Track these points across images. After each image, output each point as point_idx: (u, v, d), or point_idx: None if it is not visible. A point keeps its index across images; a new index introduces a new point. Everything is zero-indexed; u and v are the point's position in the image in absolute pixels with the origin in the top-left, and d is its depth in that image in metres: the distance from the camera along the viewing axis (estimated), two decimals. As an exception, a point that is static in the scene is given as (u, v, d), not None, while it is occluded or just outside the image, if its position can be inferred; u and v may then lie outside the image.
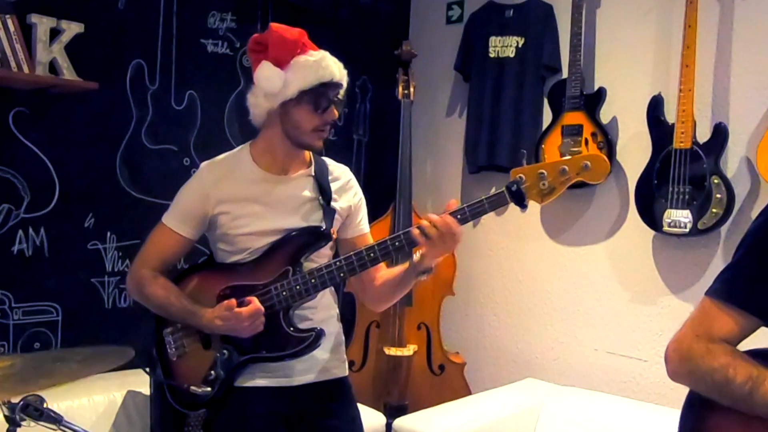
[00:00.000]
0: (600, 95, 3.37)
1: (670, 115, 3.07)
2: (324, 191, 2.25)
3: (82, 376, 1.74)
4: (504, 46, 3.77)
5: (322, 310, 2.27)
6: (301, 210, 2.22)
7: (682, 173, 2.99)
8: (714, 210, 2.94)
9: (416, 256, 2.17)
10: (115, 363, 1.84)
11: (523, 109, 3.71)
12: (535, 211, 3.74)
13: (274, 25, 2.13)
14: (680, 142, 2.99)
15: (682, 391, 1.69)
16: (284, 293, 2.12)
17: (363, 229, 2.40)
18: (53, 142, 3.06)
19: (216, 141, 3.57)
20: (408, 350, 3.65)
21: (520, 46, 3.73)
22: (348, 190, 2.34)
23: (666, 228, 3.03)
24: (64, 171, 3.10)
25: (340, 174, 2.34)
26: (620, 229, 3.40)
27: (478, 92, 3.90)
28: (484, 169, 3.89)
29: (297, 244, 2.17)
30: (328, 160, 2.33)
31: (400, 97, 3.73)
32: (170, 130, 3.42)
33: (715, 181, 2.94)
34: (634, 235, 3.31)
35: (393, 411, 3.46)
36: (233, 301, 2.09)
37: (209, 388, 2.14)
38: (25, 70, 2.84)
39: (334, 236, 2.28)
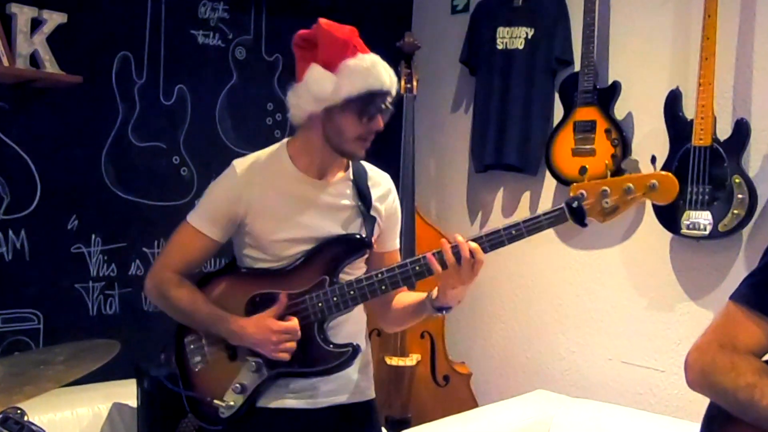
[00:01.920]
0: (614, 89, 3.37)
1: (689, 110, 3.07)
2: (364, 197, 2.20)
3: (68, 378, 1.74)
4: (513, 38, 3.77)
5: (352, 324, 2.22)
6: (340, 217, 2.18)
7: (701, 172, 2.99)
8: (735, 211, 2.94)
9: (434, 292, 2.14)
10: (101, 360, 1.84)
11: (533, 105, 3.72)
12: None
13: (323, 22, 2.08)
14: (699, 139, 2.99)
15: (701, 404, 1.69)
16: (320, 304, 2.09)
17: (394, 245, 2.36)
18: (34, 139, 3.07)
19: (207, 138, 3.58)
20: (411, 360, 3.65)
21: (529, 37, 3.73)
22: (388, 198, 2.30)
23: (684, 230, 3.03)
24: (46, 170, 3.10)
25: (381, 180, 2.30)
26: (636, 232, 3.40)
27: (485, 86, 3.90)
28: (491, 168, 3.89)
29: (336, 252, 2.14)
30: (367, 165, 2.29)
31: (402, 91, 3.73)
32: (158, 127, 3.42)
33: (737, 180, 2.94)
34: (651, 237, 3.31)
35: (395, 424, 3.46)
36: (281, 307, 2.07)
37: (233, 403, 2.10)
38: (5, 63, 2.85)
39: (375, 246, 2.25)
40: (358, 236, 2.17)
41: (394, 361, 3.63)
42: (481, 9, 3.93)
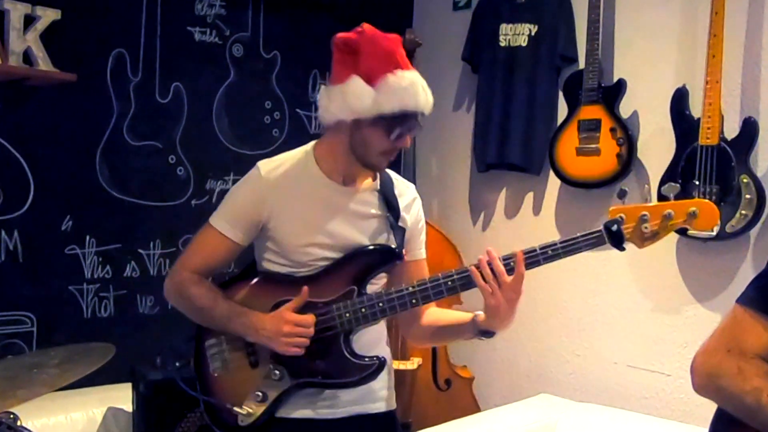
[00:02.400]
0: (619, 88, 3.37)
1: (696, 109, 3.07)
2: (392, 207, 2.20)
3: (62, 382, 1.74)
4: (516, 35, 3.77)
5: (372, 332, 2.21)
6: (368, 226, 2.17)
7: (708, 172, 2.99)
8: (743, 212, 2.94)
9: (481, 314, 2.14)
10: (96, 363, 1.83)
11: (536, 103, 3.71)
12: (549, 213, 3.74)
13: (368, 28, 2.05)
14: (706, 138, 2.99)
15: (709, 408, 1.69)
16: (347, 315, 2.07)
17: (420, 254, 2.34)
18: (27, 138, 3.07)
19: (204, 137, 3.58)
20: (412, 364, 3.64)
21: (533, 34, 3.73)
22: (413, 208, 2.29)
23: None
24: (40, 170, 3.10)
25: (405, 190, 2.29)
26: (642, 233, 3.39)
27: (487, 84, 3.90)
28: (493, 168, 3.89)
29: (365, 262, 2.14)
30: (392, 174, 2.28)
31: (402, 89, 3.73)
32: (154, 126, 3.42)
33: (744, 180, 2.94)
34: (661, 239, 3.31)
35: (395, 429, 3.46)
36: (299, 300, 2.05)
37: (252, 411, 2.09)
38: (-2, 60, 2.85)
39: (408, 259, 2.24)
40: (391, 247, 2.17)
41: (394, 364, 3.59)
42: (484, 5, 3.93)
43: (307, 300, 2.08)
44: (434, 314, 2.30)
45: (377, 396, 2.23)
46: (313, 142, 2.21)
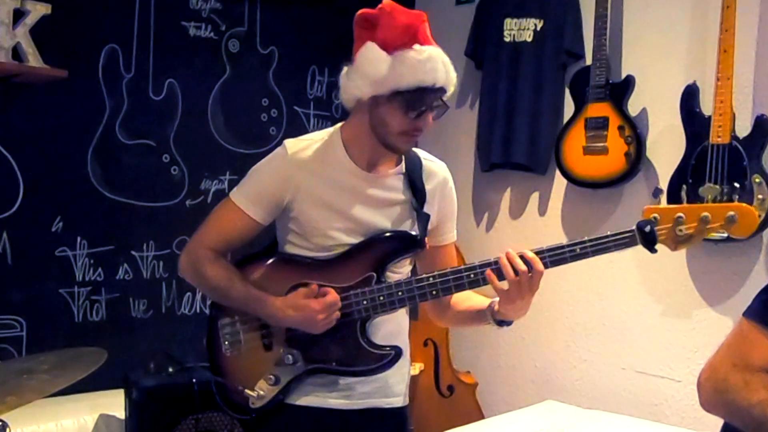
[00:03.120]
0: (628, 84, 3.37)
1: (706, 106, 3.07)
2: (418, 192, 2.21)
3: (52, 389, 1.74)
4: (521, 30, 3.77)
5: (393, 323, 2.22)
6: (391, 213, 2.18)
7: (719, 171, 2.99)
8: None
9: (496, 303, 2.15)
10: (87, 369, 1.84)
11: (542, 100, 3.72)
12: (555, 213, 3.74)
13: (388, 3, 2.06)
14: (717, 136, 2.99)
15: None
16: (365, 302, 2.09)
17: (450, 237, 2.36)
18: (17, 136, 3.07)
19: (198, 135, 3.59)
20: (413, 369, 3.64)
21: (538, 29, 3.73)
22: (443, 190, 2.30)
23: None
24: (29, 169, 3.10)
25: (436, 170, 2.29)
26: (651, 234, 3.39)
27: (491, 81, 3.90)
28: (497, 167, 3.89)
29: (385, 248, 2.15)
30: (422, 153, 2.28)
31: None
32: (147, 124, 3.43)
33: (757, 180, 2.94)
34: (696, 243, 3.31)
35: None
36: (315, 286, 2.07)
37: (264, 393, 2.11)
38: (-14, 56, 2.86)
39: (427, 246, 2.23)
40: (411, 234, 2.17)
41: (395, 370, 3.63)
42: (488, -1, 3.94)
43: (325, 284, 2.10)
44: (460, 298, 2.30)
45: (394, 391, 2.25)
46: (339, 125, 2.22)
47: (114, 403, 2.95)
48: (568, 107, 3.61)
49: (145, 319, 3.42)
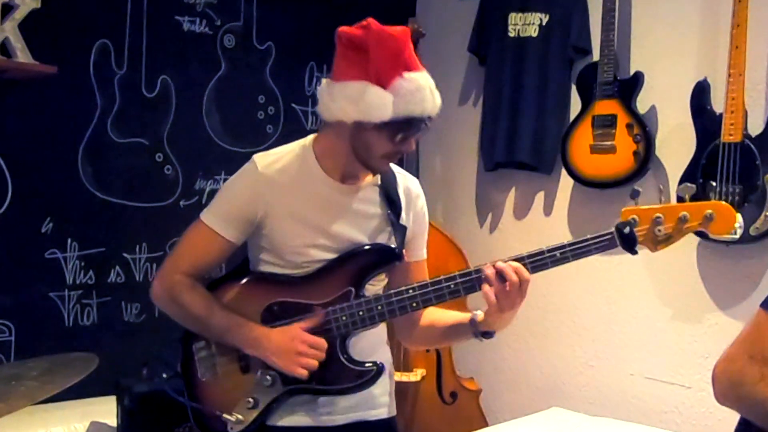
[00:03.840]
0: (636, 81, 3.37)
1: (718, 103, 3.07)
2: (393, 205, 2.22)
3: (42, 395, 1.74)
4: (526, 24, 3.78)
5: (372, 335, 2.23)
6: (367, 225, 2.19)
7: (731, 171, 2.99)
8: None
9: (479, 314, 2.17)
10: (78, 375, 1.84)
11: (548, 97, 3.72)
12: (560, 214, 3.74)
13: (374, 24, 2.03)
14: (729, 134, 2.99)
15: (731, 423, 1.69)
16: (344, 318, 2.09)
17: (423, 254, 2.37)
18: (5, 135, 3.07)
19: (193, 134, 3.58)
20: (415, 375, 3.65)
21: (544, 23, 3.73)
22: (416, 205, 2.31)
23: (712, 234, 3.02)
24: (18, 169, 3.10)
25: (410, 185, 2.30)
26: (660, 236, 3.39)
27: (495, 77, 3.90)
28: (502, 167, 3.89)
29: (363, 262, 2.15)
30: (395, 168, 2.28)
31: (405, 82, 3.74)
32: (140, 122, 3.43)
33: (770, 179, 2.95)
34: (676, 242, 3.30)
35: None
36: (317, 320, 2.07)
37: (242, 418, 2.10)
38: (-27, 52, 2.86)
39: (406, 258, 2.25)
40: (390, 247, 2.18)
41: (396, 376, 3.61)
42: (492, -7, 3.94)
43: (302, 302, 2.10)
44: (431, 315, 2.31)
45: (378, 402, 2.25)
46: (311, 136, 2.21)
47: (105, 411, 2.94)
48: (575, 104, 3.61)
49: (137, 324, 3.42)
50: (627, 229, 2.01)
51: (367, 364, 2.13)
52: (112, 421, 2.95)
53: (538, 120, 3.74)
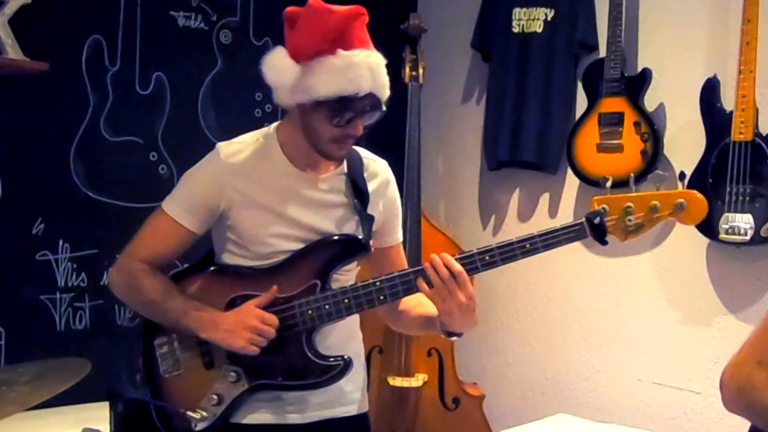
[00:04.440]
0: (644, 78, 3.37)
1: (728, 101, 3.07)
2: (360, 193, 2.22)
3: (33, 401, 1.74)
4: (530, 20, 3.78)
5: (343, 329, 2.24)
6: (333, 215, 2.19)
7: (742, 170, 2.99)
8: (780, 214, 2.95)
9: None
10: (70, 380, 1.83)
11: (553, 95, 3.72)
12: (566, 215, 3.74)
13: (314, 2, 2.04)
14: (740, 133, 2.99)
15: (741, 429, 1.69)
16: (310, 312, 2.09)
17: (397, 239, 2.38)
18: (-5, 133, 3.08)
19: (188, 132, 3.58)
20: (416, 380, 3.65)
21: (549, 19, 3.73)
22: (386, 190, 2.31)
23: (723, 235, 3.03)
24: (8, 168, 3.10)
25: (378, 169, 2.30)
26: (669, 237, 3.40)
27: (499, 74, 3.90)
28: (506, 166, 3.89)
29: (329, 254, 2.15)
30: (362, 152, 2.29)
31: (406, 79, 3.74)
32: (134, 120, 3.43)
33: (782, 179, 2.95)
34: (685, 243, 3.31)
35: (398, 453, 3.47)
36: (270, 295, 2.08)
37: (207, 414, 2.10)
38: (-37, 48, 2.86)
39: (373, 249, 2.25)
40: (356, 237, 2.19)
41: (397, 381, 3.63)
42: (495, -13, 3.94)
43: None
44: (411, 304, 2.31)
45: (348, 399, 2.26)
46: (275, 124, 2.23)
47: (98, 417, 2.93)
48: (581, 102, 3.61)
49: (131, 328, 3.42)
50: (597, 219, 2.03)
51: (332, 359, 2.13)
52: (105, 427, 2.93)
53: (542, 118, 3.74)
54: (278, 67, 2.06)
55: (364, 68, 2.02)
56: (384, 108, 2.09)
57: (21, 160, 3.13)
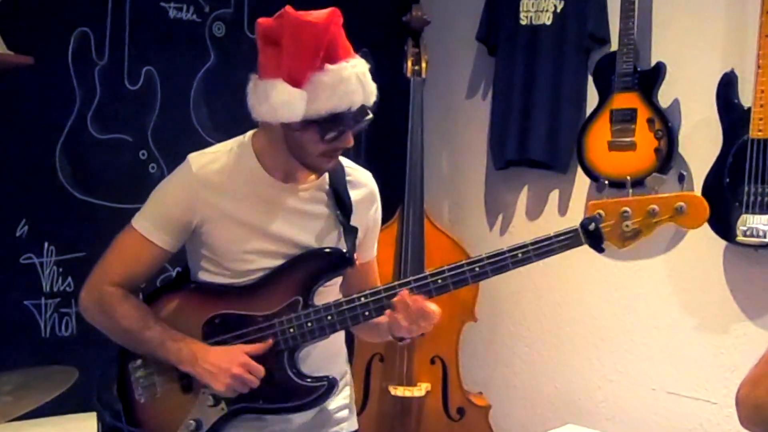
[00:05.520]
0: (658, 72, 3.37)
1: (746, 97, 3.07)
2: (343, 205, 2.20)
3: (16, 412, 1.74)
4: (539, 11, 3.78)
5: (328, 344, 2.22)
6: (314, 227, 2.18)
7: (760, 169, 2.99)
8: (800, 215, 2.95)
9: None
10: (55, 390, 1.84)
11: (563, 90, 3.72)
12: (576, 216, 3.73)
13: (290, 12, 2.00)
14: (758, 130, 2.99)
15: (761, 442, 1.69)
16: (291, 330, 2.08)
17: (373, 253, 2.39)
18: (-23, 130, 3.08)
19: (180, 129, 3.58)
20: (419, 390, 3.65)
21: (558, 10, 3.73)
22: (369, 202, 2.30)
23: (741, 237, 3.03)
24: (-9, 167, 3.11)
25: (360, 180, 2.29)
26: (684, 239, 3.40)
27: (506, 68, 3.91)
28: (513, 165, 3.90)
29: (311, 269, 2.14)
30: (344, 161, 2.25)
31: (409, 74, 3.74)
32: (123, 116, 3.43)
33: (802, 179, 2.95)
34: (701, 246, 3.31)
35: (400, 466, 3.47)
36: (260, 347, 2.07)
37: None
38: (-57, 41, 2.86)
39: (358, 262, 2.24)
40: (340, 251, 2.18)
41: (399, 391, 3.63)
42: (502, -23, 3.95)
43: (245, 314, 2.10)
44: None
45: (336, 418, 2.27)
46: (250, 133, 2.20)
47: (85, 428, 2.94)
48: (592, 98, 3.61)
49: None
50: (592, 226, 2.03)
51: (318, 379, 2.12)
52: (93, 439, 2.95)
53: (552, 115, 3.74)
54: (287, 101, 1.98)
55: (354, 81, 2.00)
56: (371, 114, 2.07)
57: (4, 159, 3.13)
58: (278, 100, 1.98)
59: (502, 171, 3.96)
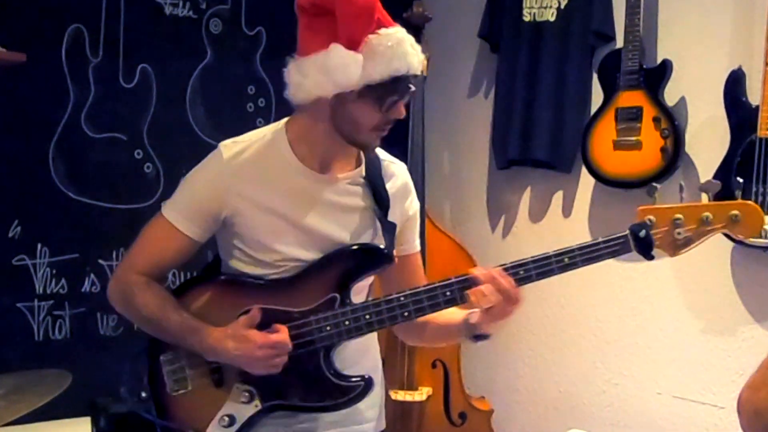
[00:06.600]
0: (664, 70, 3.37)
1: (754, 95, 3.07)
2: (380, 199, 2.19)
3: (9, 416, 1.74)
4: (542, 7, 3.78)
5: (359, 342, 2.20)
6: (350, 221, 2.17)
7: (768, 169, 3.00)
8: (809, 216, 2.95)
9: (472, 316, 2.14)
10: (49, 394, 1.84)
11: (567, 88, 3.72)
12: (581, 216, 3.74)
13: None
14: (766, 129, 2.99)
15: (769, 447, 1.69)
16: (328, 328, 2.07)
17: (415, 246, 2.36)
18: (-31, 129, 3.08)
19: (176, 128, 3.59)
20: (420, 394, 3.65)
21: (562, 6, 3.73)
22: (405, 194, 2.29)
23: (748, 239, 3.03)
24: (-17, 166, 3.11)
25: (396, 172, 2.28)
26: (690, 240, 3.40)
27: (509, 66, 3.91)
28: (516, 165, 3.90)
29: (349, 266, 2.13)
30: (380, 153, 2.25)
31: (409, 72, 3.74)
32: (118, 115, 3.43)
33: (811, 178, 2.95)
34: (708, 247, 3.27)
35: (401, 471, 3.47)
36: (256, 311, 2.04)
37: None
38: (-66, 38, 2.86)
39: (396, 259, 2.22)
40: (379, 247, 2.17)
41: (400, 395, 3.63)
42: (505, -27, 3.95)
43: (281, 309, 2.09)
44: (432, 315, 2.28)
45: (365, 416, 2.27)
46: (284, 120, 2.19)
47: (80, 432, 2.95)
48: (596, 96, 3.61)
49: (114, 338, 3.42)
50: (643, 232, 2.01)
51: (353, 379, 2.11)
52: (88, 444, 2.95)
53: (555, 113, 3.74)
54: (346, 65, 1.98)
55: (408, 44, 2.03)
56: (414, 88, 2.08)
57: (-3, 158, 3.14)
58: (334, 63, 1.98)
59: (505, 171, 3.96)
